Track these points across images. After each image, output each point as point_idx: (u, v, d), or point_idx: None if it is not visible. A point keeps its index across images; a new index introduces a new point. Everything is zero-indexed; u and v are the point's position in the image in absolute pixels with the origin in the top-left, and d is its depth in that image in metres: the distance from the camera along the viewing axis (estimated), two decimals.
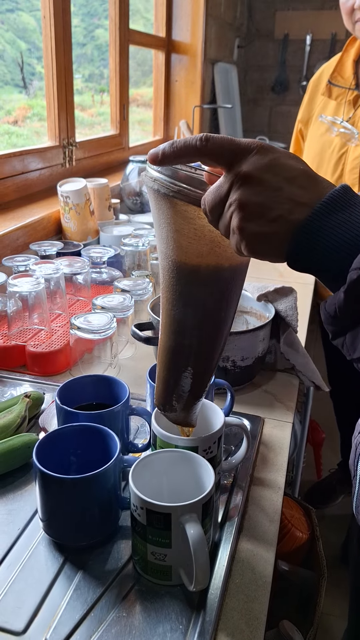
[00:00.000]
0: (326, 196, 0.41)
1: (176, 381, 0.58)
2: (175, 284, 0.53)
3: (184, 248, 0.50)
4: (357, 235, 0.40)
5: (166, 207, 0.50)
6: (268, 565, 0.60)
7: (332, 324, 0.43)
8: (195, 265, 0.51)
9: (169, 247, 0.52)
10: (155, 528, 0.54)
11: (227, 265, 0.51)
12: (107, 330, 0.88)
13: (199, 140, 0.44)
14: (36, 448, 0.59)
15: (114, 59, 2.00)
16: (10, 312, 0.98)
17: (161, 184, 0.49)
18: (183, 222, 0.49)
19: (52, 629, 0.51)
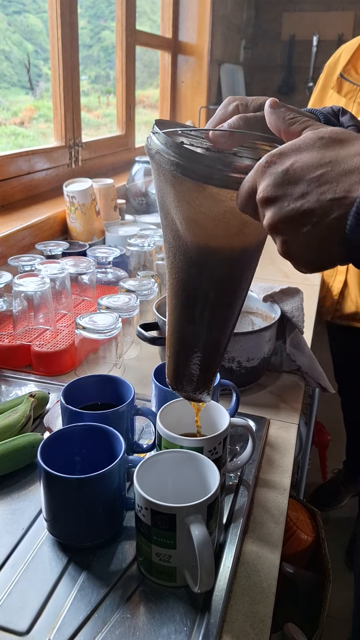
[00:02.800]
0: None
1: (186, 364, 0.57)
2: (190, 266, 0.50)
3: (209, 230, 0.47)
4: None
5: (190, 189, 0.45)
6: (273, 567, 0.59)
7: None
8: (220, 246, 0.48)
9: (184, 228, 0.48)
10: (160, 529, 0.53)
11: (254, 242, 0.48)
12: (112, 330, 0.88)
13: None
14: (41, 448, 0.59)
15: (120, 60, 2.00)
16: (16, 311, 0.98)
17: (185, 168, 0.44)
18: (212, 204, 0.45)
19: (55, 630, 0.51)
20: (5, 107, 1.66)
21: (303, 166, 0.38)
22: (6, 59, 1.64)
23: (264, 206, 0.40)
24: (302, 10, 3.48)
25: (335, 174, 0.37)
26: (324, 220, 0.37)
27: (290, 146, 0.40)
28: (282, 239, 0.40)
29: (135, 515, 0.56)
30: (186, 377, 0.58)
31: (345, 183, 0.37)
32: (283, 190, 0.39)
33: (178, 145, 0.44)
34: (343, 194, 0.37)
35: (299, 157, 0.39)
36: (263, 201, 0.40)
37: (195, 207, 0.46)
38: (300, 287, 1.00)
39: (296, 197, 0.38)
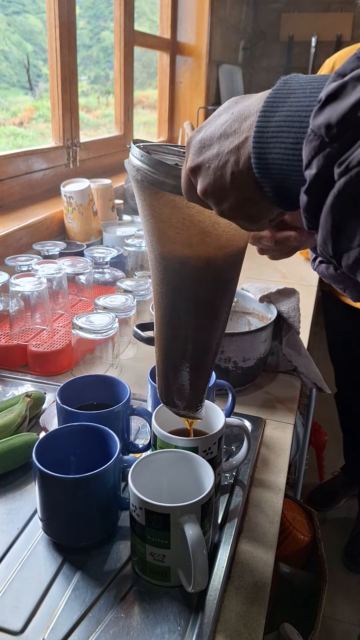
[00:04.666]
0: (260, 112, 0.37)
1: (175, 377, 0.57)
2: (165, 277, 0.51)
3: (172, 239, 0.48)
4: (298, 137, 0.35)
5: (151, 197, 0.47)
6: (267, 567, 0.59)
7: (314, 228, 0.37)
8: (185, 256, 0.49)
9: (155, 238, 0.49)
10: (154, 528, 0.53)
11: (220, 255, 0.49)
12: (108, 330, 0.88)
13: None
14: (36, 447, 0.59)
15: (118, 60, 2.00)
16: (13, 311, 0.98)
17: (145, 175, 0.46)
18: (170, 212, 0.47)
19: (50, 629, 0.51)
20: (5, 107, 1.66)
21: (213, 129, 0.40)
22: (5, 59, 1.64)
23: (194, 178, 0.42)
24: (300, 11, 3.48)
25: (237, 124, 0.39)
26: (238, 168, 0.38)
27: (210, 117, 0.42)
28: (214, 202, 0.41)
29: (129, 515, 0.56)
30: (176, 392, 0.58)
31: (245, 127, 0.38)
32: (202, 157, 0.40)
33: (145, 155, 0.46)
34: (245, 136, 0.38)
35: (212, 123, 0.41)
36: (190, 173, 0.42)
37: (157, 216, 0.47)
38: (296, 288, 1.00)
39: (212, 157, 0.40)
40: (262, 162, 0.36)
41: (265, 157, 0.36)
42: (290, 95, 0.36)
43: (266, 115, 0.36)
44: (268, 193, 0.38)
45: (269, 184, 0.37)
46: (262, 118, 0.36)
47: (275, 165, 0.36)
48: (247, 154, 0.37)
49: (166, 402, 0.60)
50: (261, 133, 0.36)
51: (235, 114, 0.39)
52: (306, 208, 0.35)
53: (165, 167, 0.45)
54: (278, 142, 0.35)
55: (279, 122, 0.35)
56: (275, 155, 0.36)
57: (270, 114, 0.36)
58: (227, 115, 0.40)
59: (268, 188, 0.38)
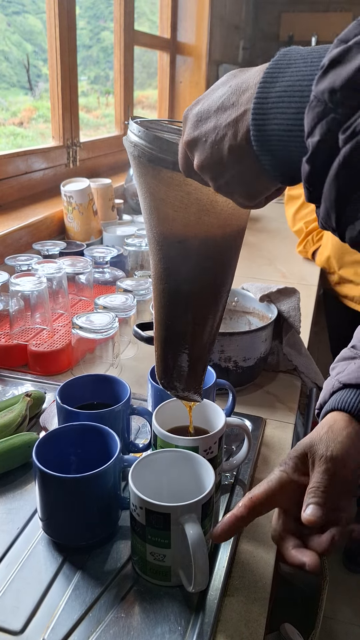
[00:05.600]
0: (259, 84, 0.35)
1: (174, 359, 0.56)
2: (163, 257, 0.50)
3: (170, 217, 0.47)
4: (300, 105, 0.34)
5: (149, 174, 0.46)
6: (268, 567, 0.59)
7: (316, 201, 0.36)
8: (183, 235, 0.48)
9: (153, 217, 0.48)
10: (155, 528, 0.53)
11: (218, 234, 0.48)
12: (108, 330, 0.88)
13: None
14: (36, 447, 0.59)
15: (118, 60, 2.00)
16: (13, 311, 0.98)
17: (142, 150, 0.45)
18: (168, 189, 0.46)
19: (50, 629, 0.51)
20: (5, 107, 1.66)
21: (210, 102, 0.39)
22: (5, 59, 1.64)
23: (190, 152, 0.41)
24: (300, 10, 3.48)
25: (236, 97, 0.38)
26: (236, 142, 0.37)
27: (207, 90, 0.41)
28: (210, 177, 0.40)
29: (130, 514, 0.56)
30: (175, 373, 0.57)
31: (244, 100, 0.37)
32: (199, 130, 0.39)
33: (143, 130, 0.45)
34: (243, 109, 0.37)
35: (209, 96, 0.40)
36: (187, 147, 0.41)
37: (155, 194, 0.46)
38: (297, 288, 1.00)
39: (209, 130, 0.39)
40: (262, 134, 0.35)
41: (265, 128, 0.35)
42: (290, 65, 0.35)
43: (266, 86, 0.35)
44: (267, 167, 0.37)
45: (269, 156, 0.36)
46: (262, 89, 0.35)
47: (275, 137, 0.35)
48: (246, 127, 0.36)
49: (165, 384, 0.59)
50: (261, 104, 0.35)
51: (233, 87, 0.38)
52: (308, 178, 0.33)
53: (162, 142, 0.45)
54: (279, 113, 0.34)
55: (279, 92, 0.34)
56: (276, 126, 0.34)
57: (270, 84, 0.35)
58: (224, 88, 0.39)
59: (267, 161, 0.36)
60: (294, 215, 1.68)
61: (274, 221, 2.02)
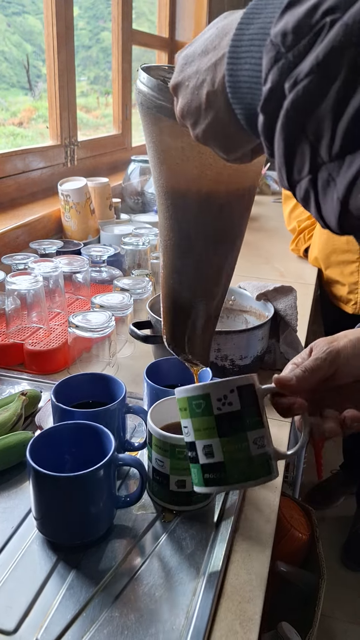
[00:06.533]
0: (236, 27, 0.33)
1: (183, 321, 0.55)
2: (169, 213, 0.49)
3: (173, 170, 0.46)
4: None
5: (152, 124, 0.45)
6: (263, 565, 0.59)
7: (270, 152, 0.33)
8: (185, 189, 0.46)
9: (157, 169, 0.48)
10: (250, 407, 0.51)
11: (222, 190, 0.46)
12: (105, 328, 0.87)
13: None
14: (30, 445, 0.59)
15: (116, 59, 2.00)
16: (9, 310, 0.98)
17: (144, 97, 0.44)
18: (170, 140, 0.45)
19: (43, 629, 0.51)
20: (4, 107, 1.66)
21: (197, 44, 0.37)
22: (5, 59, 1.64)
23: (176, 96, 0.39)
24: None
25: (218, 40, 0.35)
26: (214, 88, 0.35)
27: (200, 33, 0.39)
28: (190, 124, 0.38)
29: (216, 418, 0.51)
30: (182, 336, 0.56)
31: (224, 43, 0.34)
32: (183, 73, 0.38)
33: (148, 77, 0.44)
34: (222, 53, 0.35)
35: (199, 38, 0.38)
36: (172, 91, 0.39)
37: (158, 145, 0.45)
38: (294, 286, 1.00)
39: (192, 75, 0.37)
40: (234, 79, 0.33)
41: (237, 74, 0.33)
42: (267, 6, 0.32)
43: (241, 28, 0.32)
44: (239, 116, 0.34)
45: (240, 105, 0.34)
46: (238, 32, 0.32)
47: (245, 84, 0.32)
48: (222, 72, 0.34)
49: (174, 348, 0.58)
50: (235, 48, 0.32)
51: (218, 29, 0.36)
52: (263, 130, 0.31)
53: (164, 89, 0.43)
54: (249, 57, 0.32)
55: (251, 35, 0.32)
56: (245, 72, 0.32)
57: (246, 27, 0.32)
58: (212, 30, 0.37)
59: (239, 111, 0.34)
60: (289, 214, 1.68)
61: (271, 220, 2.02)
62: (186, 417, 0.53)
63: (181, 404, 0.53)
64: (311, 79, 0.27)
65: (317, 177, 0.29)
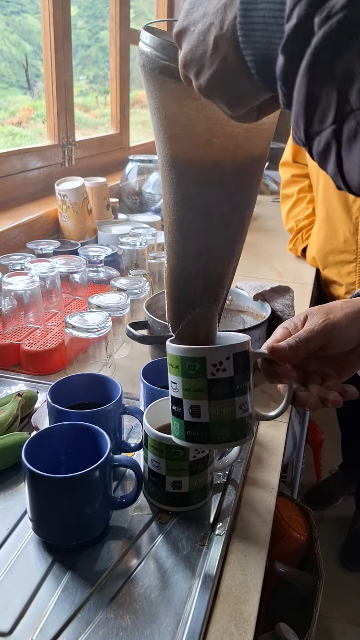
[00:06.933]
0: None
1: (187, 302, 0.53)
2: (173, 186, 0.46)
3: (177, 138, 0.43)
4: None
5: (156, 87, 0.42)
6: (259, 566, 0.59)
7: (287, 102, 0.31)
8: (190, 158, 0.44)
9: (160, 136, 0.45)
10: (242, 373, 0.52)
11: (228, 159, 0.43)
12: (102, 329, 0.87)
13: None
14: (25, 446, 0.58)
15: (114, 59, 1.99)
16: (5, 310, 0.98)
17: (147, 59, 0.41)
18: (174, 104, 0.42)
19: (38, 630, 0.51)
20: (3, 107, 1.66)
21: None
22: (4, 59, 1.64)
23: (179, 44, 0.36)
24: None
25: None
26: (222, 31, 0.32)
27: None
28: (194, 73, 0.35)
29: (208, 382, 0.51)
30: (188, 313, 0.54)
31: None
32: (189, 18, 0.34)
33: (151, 37, 0.42)
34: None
35: None
36: (176, 39, 0.36)
37: (161, 110, 0.43)
38: (292, 286, 1.00)
39: (198, 18, 0.34)
40: (248, 20, 0.30)
41: (251, 14, 0.29)
42: None
43: None
44: (250, 63, 0.31)
45: (252, 51, 0.30)
46: None
47: (260, 25, 0.29)
48: (234, 13, 0.31)
49: (177, 321, 0.55)
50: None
51: None
52: (282, 73, 0.28)
53: (167, 48, 0.40)
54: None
55: None
56: (261, 12, 0.29)
57: None
58: None
59: (250, 57, 0.31)
60: (287, 214, 1.68)
61: (270, 220, 2.01)
62: (177, 375, 0.53)
63: (173, 361, 0.53)
64: (347, 12, 0.24)
65: (342, 127, 0.26)
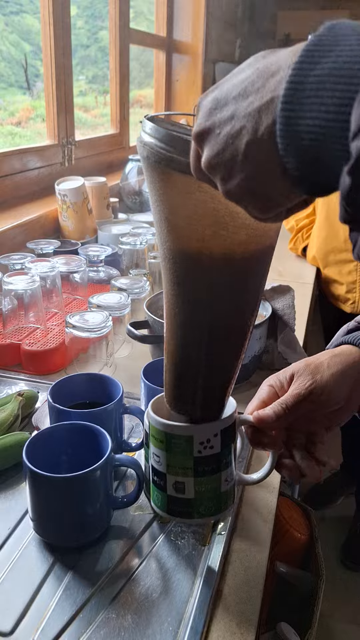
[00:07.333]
0: (294, 65, 0.28)
1: (188, 392, 0.51)
2: (175, 276, 0.44)
3: (182, 230, 0.41)
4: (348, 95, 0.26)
5: (159, 179, 0.40)
6: (261, 566, 0.59)
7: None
8: (196, 251, 0.41)
9: (164, 229, 0.43)
10: (229, 445, 0.52)
11: (238, 252, 0.41)
12: (102, 328, 0.87)
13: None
14: (26, 446, 0.58)
15: (114, 58, 1.99)
16: (6, 310, 0.97)
17: (152, 151, 0.39)
18: (180, 197, 0.40)
19: (40, 630, 0.50)
20: (3, 107, 1.66)
21: (230, 86, 0.33)
22: (3, 59, 1.64)
23: (200, 145, 0.34)
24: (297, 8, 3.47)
25: (261, 81, 0.31)
26: (257, 136, 0.30)
27: (229, 74, 0.34)
28: (220, 177, 0.33)
29: (194, 460, 0.50)
30: (189, 404, 0.51)
31: (271, 85, 0.30)
32: (212, 119, 0.33)
33: (154, 127, 0.40)
34: (270, 96, 0.30)
35: (230, 80, 0.33)
36: (196, 140, 0.34)
37: (166, 202, 0.41)
38: (293, 286, 1.00)
39: (225, 120, 0.32)
40: (292, 128, 0.28)
41: (297, 122, 0.28)
42: (338, 42, 0.27)
43: (303, 67, 0.28)
44: (292, 171, 0.30)
45: (297, 158, 0.29)
46: (297, 72, 0.28)
47: (308, 134, 0.28)
48: (271, 119, 0.29)
49: (177, 411, 0.53)
50: (294, 91, 0.28)
51: (260, 69, 0.31)
52: (348, 194, 0.27)
53: (174, 140, 0.39)
54: (317, 104, 0.27)
55: (320, 75, 0.27)
56: (311, 121, 0.27)
57: (309, 66, 0.27)
58: (249, 71, 0.32)
59: (293, 164, 0.29)
60: None
61: None
62: (160, 449, 0.52)
63: (156, 434, 0.52)
64: None
65: None
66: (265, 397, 0.55)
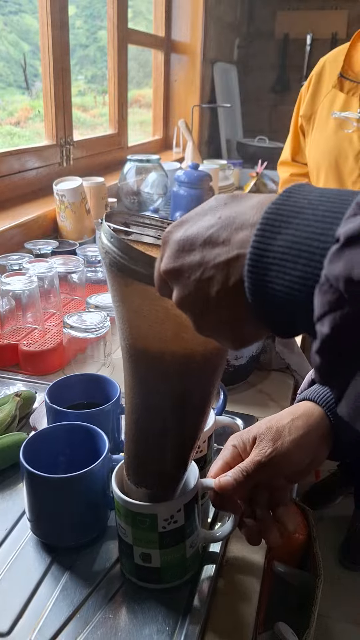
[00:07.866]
0: (257, 230, 0.30)
1: (147, 470, 0.52)
2: (135, 370, 0.46)
3: (144, 331, 0.42)
4: (308, 270, 0.28)
5: (121, 284, 0.41)
6: (257, 567, 0.59)
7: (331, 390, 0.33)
8: (158, 352, 0.43)
9: (125, 328, 0.44)
10: (192, 514, 0.53)
11: (199, 351, 0.42)
12: (100, 329, 0.87)
13: None
14: (23, 447, 0.58)
15: (112, 58, 1.99)
16: (3, 310, 0.97)
17: (113, 259, 0.40)
18: (142, 302, 0.41)
19: (37, 630, 0.51)
20: (1, 107, 1.66)
21: (196, 230, 0.34)
22: (2, 59, 1.64)
23: (170, 281, 0.36)
24: (295, 8, 3.48)
25: (228, 232, 0.33)
26: (227, 287, 0.32)
27: (192, 212, 0.36)
28: (191, 316, 0.36)
29: (162, 533, 0.52)
30: (149, 480, 0.52)
31: (237, 241, 0.32)
32: (181, 260, 0.34)
33: (115, 237, 0.40)
34: (236, 253, 0.32)
35: (194, 222, 0.35)
36: (166, 275, 0.36)
37: (128, 305, 0.42)
38: None
39: (194, 266, 0.34)
40: (260, 290, 0.30)
41: (265, 285, 0.30)
42: (297, 215, 0.29)
43: (266, 235, 0.30)
44: (262, 320, 0.32)
45: (268, 317, 0.31)
46: (261, 239, 0.30)
47: (276, 299, 0.30)
48: (239, 275, 0.31)
49: (136, 485, 0.53)
50: (260, 257, 0.30)
51: (223, 219, 0.33)
52: (320, 369, 0.29)
53: (135, 253, 0.39)
54: (281, 273, 0.29)
55: (282, 247, 0.29)
56: (278, 287, 0.29)
57: (272, 234, 0.30)
58: (213, 218, 0.34)
59: (262, 315, 0.31)
60: None
61: None
62: (126, 524, 0.53)
63: (121, 510, 0.53)
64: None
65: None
66: (228, 458, 0.56)
